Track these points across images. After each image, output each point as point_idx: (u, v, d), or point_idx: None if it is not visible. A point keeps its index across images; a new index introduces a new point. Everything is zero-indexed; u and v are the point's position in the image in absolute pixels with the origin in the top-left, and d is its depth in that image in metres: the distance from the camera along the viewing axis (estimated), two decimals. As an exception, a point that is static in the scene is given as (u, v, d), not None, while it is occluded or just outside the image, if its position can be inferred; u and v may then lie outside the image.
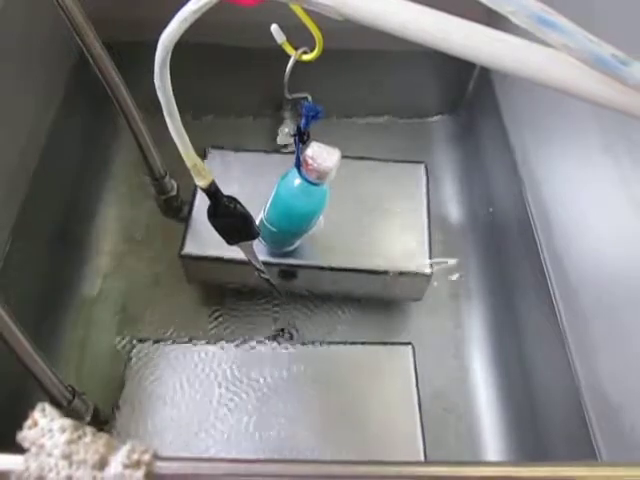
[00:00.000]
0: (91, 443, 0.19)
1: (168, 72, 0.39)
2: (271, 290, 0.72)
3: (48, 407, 0.20)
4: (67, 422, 0.19)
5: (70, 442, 0.19)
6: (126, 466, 0.19)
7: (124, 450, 0.19)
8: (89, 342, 0.74)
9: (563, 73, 0.25)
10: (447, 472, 0.19)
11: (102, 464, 0.19)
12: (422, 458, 0.60)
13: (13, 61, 0.67)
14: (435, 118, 0.97)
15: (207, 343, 0.66)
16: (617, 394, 0.52)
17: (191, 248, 0.69)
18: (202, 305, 0.77)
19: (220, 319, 0.76)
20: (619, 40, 0.25)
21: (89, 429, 0.20)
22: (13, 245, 0.65)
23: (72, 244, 0.79)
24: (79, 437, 0.19)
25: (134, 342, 0.66)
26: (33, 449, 0.19)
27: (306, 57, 0.46)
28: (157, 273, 0.79)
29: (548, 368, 0.65)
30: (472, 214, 0.86)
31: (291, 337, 0.74)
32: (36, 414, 0.19)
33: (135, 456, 0.19)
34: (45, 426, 0.19)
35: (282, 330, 0.75)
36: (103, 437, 0.20)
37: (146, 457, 0.19)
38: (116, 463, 0.19)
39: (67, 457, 0.19)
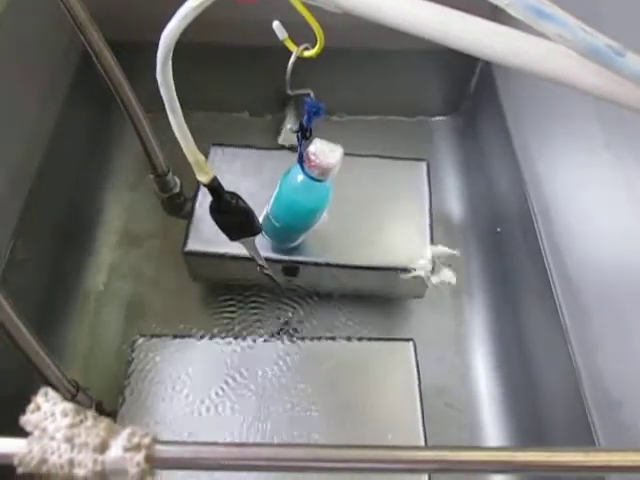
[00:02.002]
0: (92, 427, 0.19)
1: (170, 69, 0.39)
2: (273, 286, 0.72)
3: (51, 391, 0.20)
4: (69, 406, 0.20)
5: (72, 426, 0.19)
6: (126, 449, 0.19)
7: (125, 434, 0.19)
8: (94, 338, 0.74)
9: (560, 65, 0.26)
10: (443, 456, 0.20)
11: (103, 447, 0.19)
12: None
13: (17, 59, 0.68)
14: (437, 116, 0.97)
15: (210, 339, 0.66)
16: (618, 390, 0.52)
17: (194, 245, 0.70)
18: (205, 301, 0.78)
19: (223, 315, 0.76)
20: (616, 31, 0.25)
21: (90, 413, 0.20)
22: (17, 242, 0.65)
23: (76, 241, 0.80)
24: (81, 421, 0.19)
25: (138, 337, 0.66)
26: (36, 432, 0.19)
27: (307, 53, 0.46)
28: (161, 270, 0.79)
29: (550, 364, 0.65)
30: (474, 211, 0.86)
31: (293, 333, 0.74)
32: (39, 398, 0.20)
33: (135, 439, 0.19)
34: (48, 410, 0.19)
35: (284, 326, 0.75)
36: (104, 421, 0.20)
37: (146, 440, 0.19)
38: (117, 446, 0.19)
39: (69, 440, 0.19)
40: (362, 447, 0.19)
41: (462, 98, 0.95)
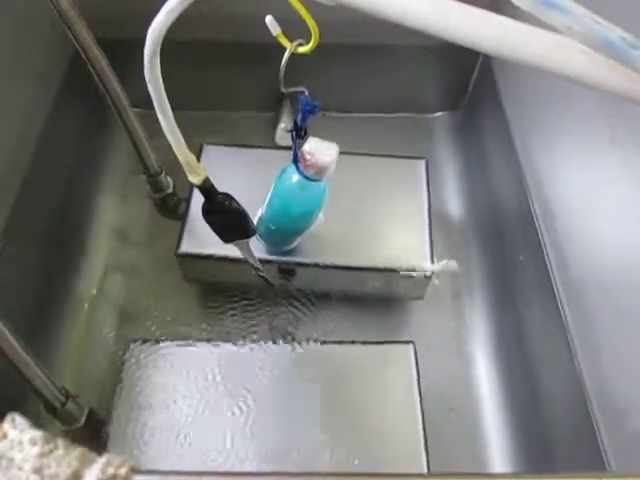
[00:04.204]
0: (64, 456, 0.18)
1: (158, 65, 0.38)
2: (269, 289, 0.71)
3: (18, 418, 0.18)
4: (38, 434, 0.18)
5: (41, 455, 0.18)
6: (101, 481, 0.17)
7: (99, 463, 0.18)
8: (86, 342, 0.73)
9: (568, 59, 0.24)
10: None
11: (76, 478, 0.18)
12: (424, 458, 0.59)
13: (6, 58, 0.66)
14: (436, 113, 0.96)
15: (205, 342, 0.65)
16: (624, 396, 0.50)
17: (187, 247, 0.68)
18: (200, 304, 0.76)
19: (218, 318, 0.74)
20: (628, 22, 0.24)
21: (62, 441, 0.18)
22: (6, 246, 0.64)
23: (67, 244, 0.78)
24: (51, 450, 0.18)
25: (131, 342, 0.65)
26: (3, 462, 0.18)
27: (302, 49, 0.45)
28: (154, 272, 0.78)
29: (552, 367, 0.63)
30: (474, 211, 0.85)
31: (290, 336, 0.73)
32: (5, 425, 0.18)
33: (111, 470, 0.18)
34: (15, 438, 0.18)
35: (281, 329, 0.73)
36: (77, 450, 0.18)
37: (122, 471, 0.18)
38: (90, 477, 0.18)
39: (38, 471, 0.17)
40: (356, 475, 0.18)
41: (462, 94, 0.93)
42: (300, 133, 0.53)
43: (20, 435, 0.18)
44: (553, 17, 0.21)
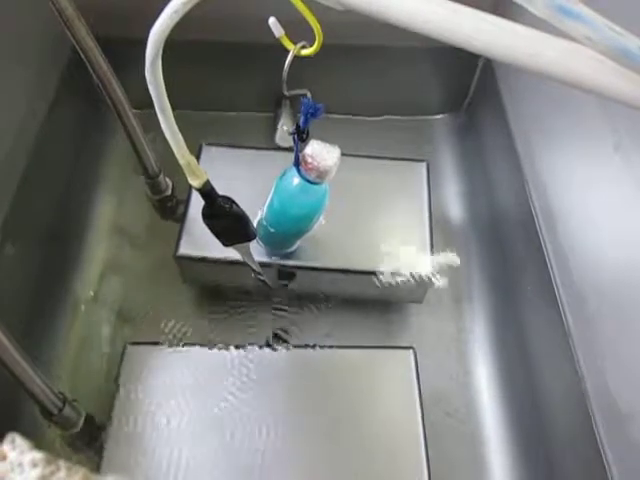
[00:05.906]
0: (66, 478, 0.17)
1: (160, 67, 0.37)
2: (269, 292, 0.70)
3: (18, 439, 0.18)
4: (39, 456, 0.17)
5: (42, 478, 0.17)
6: (104, 504, 0.17)
7: (102, 486, 0.17)
8: (83, 345, 0.72)
9: (582, 67, 0.23)
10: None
11: (78, 502, 0.17)
12: (424, 463, 0.58)
13: (4, 57, 0.65)
14: (437, 116, 0.95)
15: (203, 346, 0.64)
16: (627, 402, 0.50)
17: (186, 249, 0.67)
18: (198, 307, 0.75)
19: (217, 321, 0.74)
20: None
21: (63, 463, 0.18)
22: (2, 246, 0.63)
23: (65, 245, 0.77)
24: (52, 472, 0.17)
25: (128, 345, 0.64)
26: (2, 485, 0.17)
27: (305, 52, 0.44)
28: (152, 274, 0.77)
29: (553, 372, 0.63)
30: (475, 214, 0.85)
31: (289, 340, 0.72)
32: (5, 446, 0.17)
33: (114, 493, 0.17)
34: (15, 460, 0.17)
35: (280, 333, 0.73)
36: (79, 471, 0.18)
37: (126, 494, 0.17)
38: (93, 500, 0.17)
39: (39, 494, 0.17)
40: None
41: (463, 96, 0.93)
42: (302, 136, 0.52)
43: (20, 457, 0.17)
44: (571, 26, 0.20)
